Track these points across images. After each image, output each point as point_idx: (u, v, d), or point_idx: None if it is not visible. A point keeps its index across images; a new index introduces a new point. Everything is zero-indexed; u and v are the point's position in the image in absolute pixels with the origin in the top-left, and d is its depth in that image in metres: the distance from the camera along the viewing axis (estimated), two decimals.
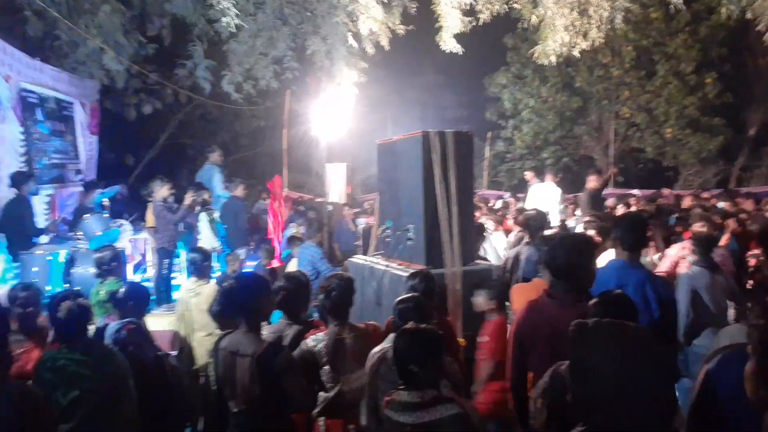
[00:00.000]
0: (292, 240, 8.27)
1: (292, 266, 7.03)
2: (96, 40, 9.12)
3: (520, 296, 3.73)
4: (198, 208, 8.24)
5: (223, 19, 7.00)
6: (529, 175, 10.17)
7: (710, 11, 15.01)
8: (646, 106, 17.36)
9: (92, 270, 6.03)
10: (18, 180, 7.04)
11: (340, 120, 9.91)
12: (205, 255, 5.20)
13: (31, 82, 8.53)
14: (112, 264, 5.00)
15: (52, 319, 3.18)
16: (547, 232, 5.25)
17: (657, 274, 4.07)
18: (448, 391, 2.54)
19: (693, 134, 16.95)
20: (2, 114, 7.57)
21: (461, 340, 3.66)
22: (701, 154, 17.21)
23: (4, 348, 2.48)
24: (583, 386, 1.60)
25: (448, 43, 8.14)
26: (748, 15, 6.71)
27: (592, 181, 8.58)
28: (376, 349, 3.01)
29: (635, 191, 14.03)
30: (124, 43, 9.70)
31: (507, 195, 14.12)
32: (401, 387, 2.40)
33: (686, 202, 10.17)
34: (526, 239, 5.35)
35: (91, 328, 3.40)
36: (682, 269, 4.99)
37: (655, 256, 5.85)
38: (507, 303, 4.09)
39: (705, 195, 11.63)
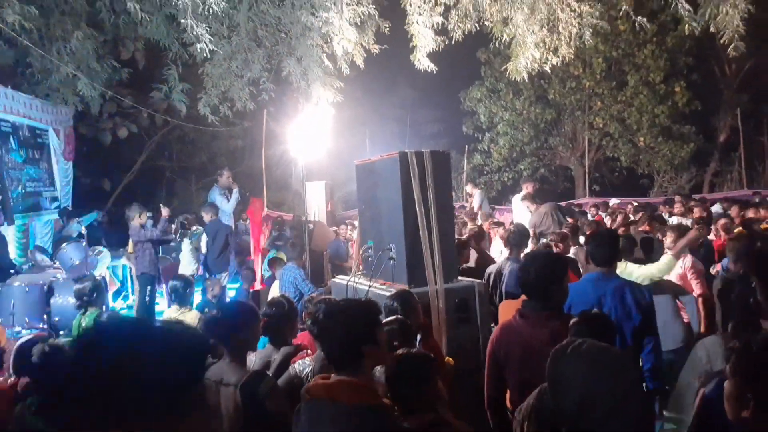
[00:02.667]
0: (274, 261, 8.26)
1: (274, 288, 7.01)
2: (69, 67, 9.06)
3: (507, 313, 3.78)
4: (179, 232, 8.20)
5: (198, 45, 7.01)
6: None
7: (677, 22, 15.42)
8: (619, 116, 17.71)
9: (72, 300, 5.98)
10: None
11: (317, 138, 9.96)
12: (187, 282, 5.18)
13: (3, 111, 8.45)
14: (93, 294, 4.95)
15: (24, 365, 3.14)
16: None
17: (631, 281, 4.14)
18: (445, 412, 2.55)
19: (665, 142, 17.33)
20: None
21: (449, 359, 3.67)
22: (674, 161, 17.59)
23: None
24: (561, 408, 1.63)
25: (423, 62, 8.24)
26: (712, 29, 6.91)
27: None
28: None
29: (613, 199, 14.27)
30: (97, 68, 9.65)
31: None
32: (397, 412, 2.40)
33: (677, 209, 10.21)
34: (507, 254, 5.41)
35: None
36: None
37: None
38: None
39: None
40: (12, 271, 7.07)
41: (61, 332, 5.91)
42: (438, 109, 22.88)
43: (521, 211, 9.38)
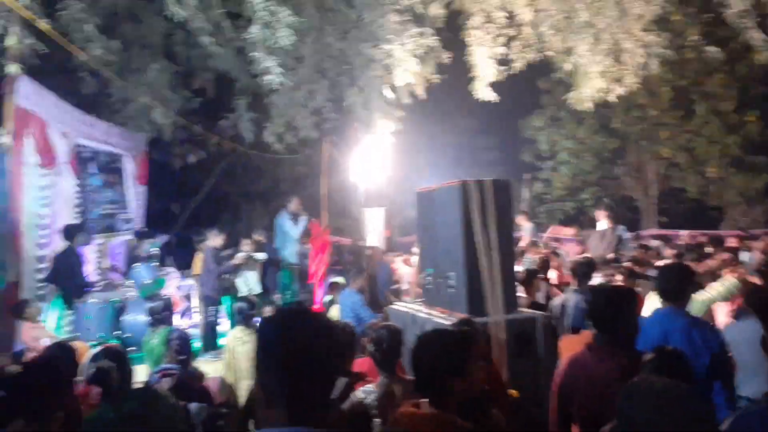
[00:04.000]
0: (334, 286, 8.38)
1: (333, 312, 7.11)
2: (145, 97, 9.61)
3: (568, 348, 3.72)
4: (243, 265, 8.47)
5: (267, 77, 7.31)
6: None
7: (748, 49, 14.90)
8: (687, 146, 17.12)
9: (142, 318, 6.26)
10: (69, 232, 7.36)
11: (377, 166, 10.14)
12: (252, 304, 5.34)
13: (85, 137, 9.00)
14: (164, 314, 5.18)
15: (95, 376, 3.33)
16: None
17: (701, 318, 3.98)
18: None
19: (736, 173, 16.61)
20: (60, 168, 7.99)
21: (513, 392, 3.62)
22: (746, 193, 16.81)
23: (49, 400, 2.58)
24: None
25: (483, 92, 8.30)
26: None
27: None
28: None
29: (682, 232, 13.78)
30: (171, 97, 10.19)
31: None
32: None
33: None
34: (573, 286, 5.32)
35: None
36: None
37: None
38: None
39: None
40: (87, 289, 7.46)
41: (132, 348, 6.17)
42: (497, 136, 22.81)
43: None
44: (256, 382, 1.42)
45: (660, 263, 6.13)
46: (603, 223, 8.82)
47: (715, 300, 4.26)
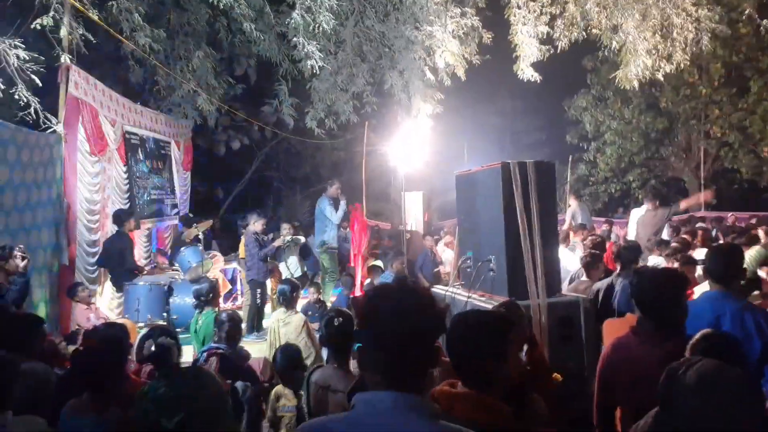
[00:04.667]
0: (373, 269, 8.44)
1: None
2: (190, 84, 9.80)
3: (610, 332, 3.67)
4: (286, 249, 8.59)
5: (308, 62, 7.35)
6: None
7: None
8: (739, 125, 16.47)
9: (188, 300, 6.44)
10: (119, 217, 7.59)
11: (416, 149, 10.10)
12: (294, 286, 5.42)
13: (132, 125, 9.25)
14: (209, 296, 5.31)
15: (156, 353, 3.45)
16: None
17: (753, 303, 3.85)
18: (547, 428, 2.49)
19: None
20: (110, 155, 8.25)
21: (557, 375, 3.59)
22: None
23: (113, 376, 2.71)
24: (674, 428, 1.58)
25: (526, 72, 8.16)
26: None
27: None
28: None
29: (729, 214, 13.31)
30: (214, 84, 10.37)
31: None
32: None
33: None
34: (618, 270, 5.23)
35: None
36: None
37: None
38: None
39: None
40: (137, 273, 7.71)
41: (178, 329, 6.36)
42: (540, 118, 22.41)
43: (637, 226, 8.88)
44: (364, 352, 1.49)
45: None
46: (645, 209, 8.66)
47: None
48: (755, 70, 15.98)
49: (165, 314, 6.95)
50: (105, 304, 7.69)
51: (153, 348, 3.44)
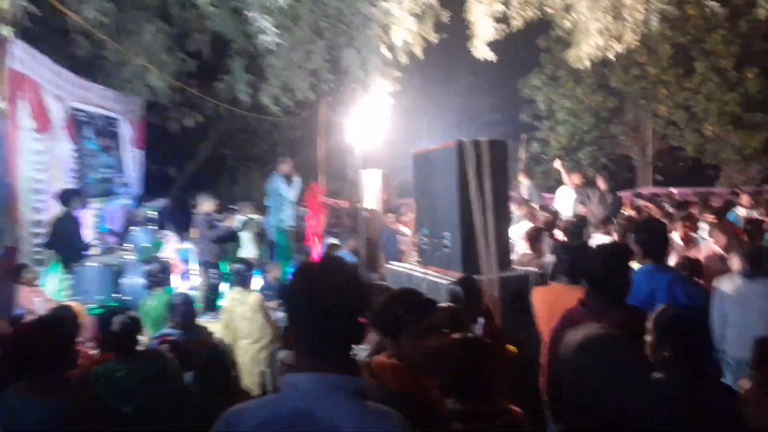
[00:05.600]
0: (330, 248, 8.46)
1: None
2: (141, 59, 9.50)
3: (538, 299, 3.83)
4: (239, 225, 8.48)
5: (262, 37, 7.23)
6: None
7: (751, 5, 14.66)
8: (685, 104, 17.03)
9: (141, 281, 6.34)
10: (65, 197, 7.34)
11: (374, 128, 10.09)
12: (249, 265, 5.41)
13: (80, 101, 8.94)
14: (160, 276, 5.24)
15: (104, 333, 3.39)
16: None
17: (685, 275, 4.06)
18: (504, 401, 2.56)
19: (734, 131, 16.54)
20: (55, 133, 7.97)
21: (511, 347, 3.71)
22: (744, 151, 16.78)
23: (59, 360, 2.66)
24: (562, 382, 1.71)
25: (481, 50, 8.23)
26: None
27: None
28: None
29: (674, 190, 13.84)
30: (167, 60, 10.07)
31: None
32: (453, 398, 2.40)
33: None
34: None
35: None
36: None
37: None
38: None
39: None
40: (86, 253, 7.52)
41: (130, 310, 6.27)
42: (495, 96, 22.59)
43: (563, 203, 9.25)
44: (288, 330, 1.51)
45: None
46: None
47: None
48: (701, 51, 16.49)
49: (116, 295, 6.83)
50: (53, 285, 7.50)
51: (117, 328, 3.35)
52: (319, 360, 1.42)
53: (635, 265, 3.24)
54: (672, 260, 5.27)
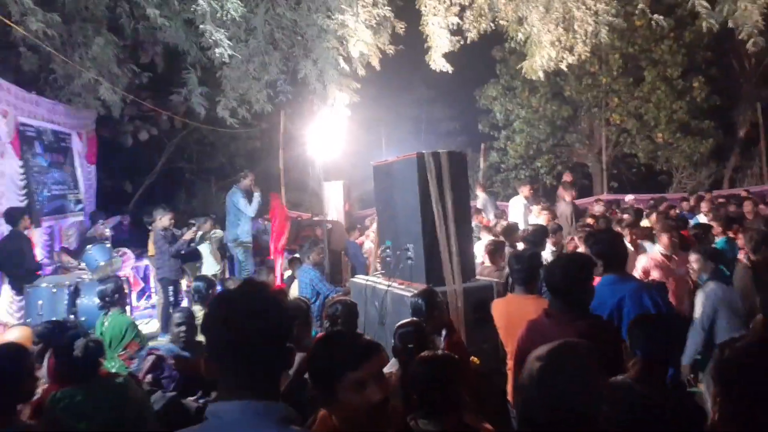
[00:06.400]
0: (293, 261, 8.36)
1: (294, 288, 7.11)
2: (90, 72, 9.24)
3: (497, 310, 3.88)
4: (198, 238, 8.32)
5: (217, 50, 7.12)
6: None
7: (694, 17, 15.24)
8: (636, 112, 17.58)
9: (96, 300, 6.12)
10: (12, 216, 7.06)
11: (334, 139, 10.05)
12: (209, 283, 5.29)
13: (27, 116, 8.64)
14: (114, 296, 5.08)
15: (62, 357, 3.23)
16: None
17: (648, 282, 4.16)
18: (471, 417, 2.56)
19: (684, 138, 17.16)
20: (1, 149, 7.67)
21: (474, 359, 3.72)
22: (693, 157, 17.42)
23: (17, 386, 2.53)
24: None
25: (438, 62, 8.30)
26: (730, 24, 6.87)
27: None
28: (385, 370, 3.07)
29: (629, 196, 14.20)
30: (118, 72, 9.83)
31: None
32: (420, 415, 2.38)
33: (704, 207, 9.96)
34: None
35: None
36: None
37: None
38: None
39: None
40: (38, 273, 7.24)
41: (89, 331, 6.05)
42: (454, 107, 22.85)
43: (517, 212, 9.44)
44: (209, 359, 1.44)
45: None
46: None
47: None
48: (649, 60, 17.06)
49: (71, 316, 6.57)
50: (4, 308, 7.17)
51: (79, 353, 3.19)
52: (244, 388, 1.38)
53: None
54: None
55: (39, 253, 8.01)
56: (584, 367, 1.68)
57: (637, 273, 5.42)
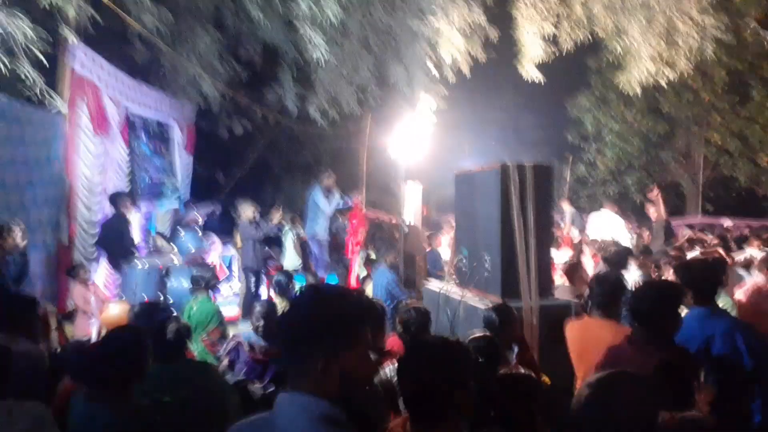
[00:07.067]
0: (369, 261, 8.51)
1: (368, 288, 7.24)
2: (195, 67, 9.78)
3: (571, 333, 3.73)
4: (287, 225, 8.62)
5: (313, 53, 7.36)
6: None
7: None
8: (740, 133, 16.52)
9: (185, 284, 6.50)
10: (115, 200, 7.62)
11: (418, 143, 10.12)
12: (289, 276, 5.50)
13: (136, 105, 9.25)
14: (208, 282, 5.37)
15: (156, 338, 3.47)
16: None
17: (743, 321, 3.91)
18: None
19: None
20: (112, 136, 8.27)
21: (545, 378, 3.66)
22: None
23: (136, 366, 2.76)
24: None
25: (530, 71, 8.18)
26: None
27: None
28: None
29: (727, 221, 13.41)
30: (219, 68, 10.35)
31: None
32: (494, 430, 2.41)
33: None
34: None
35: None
36: None
37: None
38: None
39: None
40: (135, 254, 7.76)
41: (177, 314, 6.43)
42: (542, 115, 22.29)
43: (596, 228, 9.11)
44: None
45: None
46: (607, 213, 8.94)
47: None
48: (758, 78, 16.00)
49: (161, 297, 7.01)
50: (101, 282, 7.76)
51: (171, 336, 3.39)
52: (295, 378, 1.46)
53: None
54: None
55: (136, 236, 8.58)
56: (634, 399, 1.66)
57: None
